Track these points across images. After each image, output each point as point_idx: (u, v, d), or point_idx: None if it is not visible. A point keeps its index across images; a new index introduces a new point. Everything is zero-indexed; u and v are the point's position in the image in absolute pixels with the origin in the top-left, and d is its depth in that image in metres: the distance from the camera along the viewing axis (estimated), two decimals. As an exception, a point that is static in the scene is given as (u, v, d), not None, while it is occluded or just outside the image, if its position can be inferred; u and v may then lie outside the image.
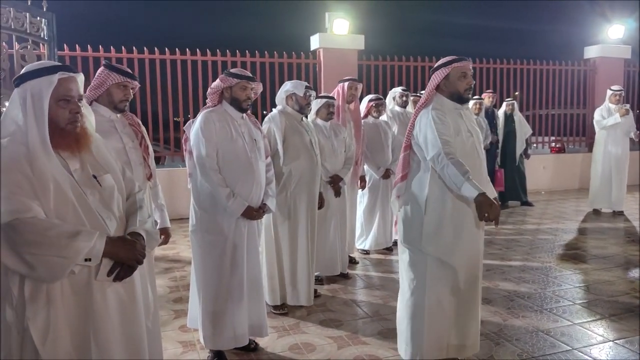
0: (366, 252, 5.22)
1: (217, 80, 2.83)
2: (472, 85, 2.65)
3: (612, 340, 3.09)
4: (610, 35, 9.83)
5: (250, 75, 2.85)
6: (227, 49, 7.40)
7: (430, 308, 2.61)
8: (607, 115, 7.08)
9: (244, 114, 2.90)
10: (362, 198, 5.15)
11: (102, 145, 1.76)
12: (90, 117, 1.73)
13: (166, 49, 7.10)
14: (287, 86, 3.62)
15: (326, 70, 7.88)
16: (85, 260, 1.51)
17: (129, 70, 2.63)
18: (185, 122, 3.13)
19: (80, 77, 1.64)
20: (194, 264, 2.91)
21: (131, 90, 2.61)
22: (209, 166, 2.70)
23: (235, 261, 2.80)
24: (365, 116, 5.14)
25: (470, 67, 2.65)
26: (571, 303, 3.70)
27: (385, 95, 5.79)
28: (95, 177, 1.65)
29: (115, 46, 6.86)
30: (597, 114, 7.21)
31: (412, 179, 2.67)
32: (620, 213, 7.08)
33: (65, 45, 6.57)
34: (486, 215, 2.31)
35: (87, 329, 1.55)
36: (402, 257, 2.78)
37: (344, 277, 4.40)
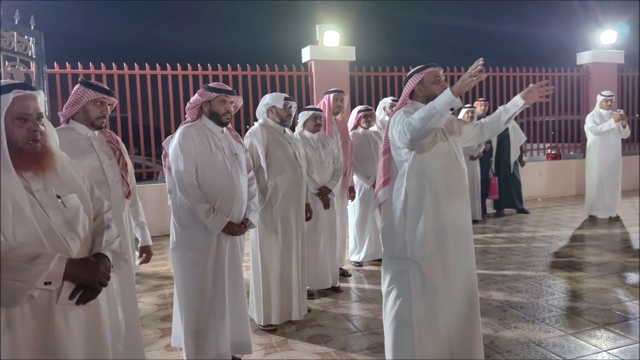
0: (359, 264, 5.16)
1: (196, 94, 2.81)
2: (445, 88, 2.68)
3: (606, 351, 3.03)
4: (603, 40, 9.85)
5: (230, 88, 2.82)
6: (218, 63, 7.41)
7: (419, 323, 2.56)
8: (599, 121, 7.05)
9: (224, 128, 2.87)
10: (353, 209, 5.11)
11: (68, 164, 1.72)
12: (53, 135, 1.70)
13: (157, 64, 7.10)
14: (267, 99, 3.60)
15: (318, 82, 7.88)
16: (45, 283, 1.47)
17: (106, 87, 2.61)
18: None
19: (40, 95, 1.61)
20: (176, 281, 2.86)
21: (109, 107, 2.58)
22: (187, 182, 2.67)
23: (217, 278, 2.76)
24: (355, 127, 5.11)
25: (442, 73, 2.72)
26: (564, 312, 3.64)
27: (377, 106, 5.78)
28: (59, 197, 1.61)
29: (107, 63, 6.86)
30: (588, 120, 7.18)
31: (392, 184, 2.66)
32: (617, 219, 7.03)
33: (55, 63, 6.57)
34: (469, 78, 2.34)
35: (48, 355, 1.50)
36: (385, 273, 2.74)
37: (336, 290, 4.35)
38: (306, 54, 8.04)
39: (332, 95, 4.63)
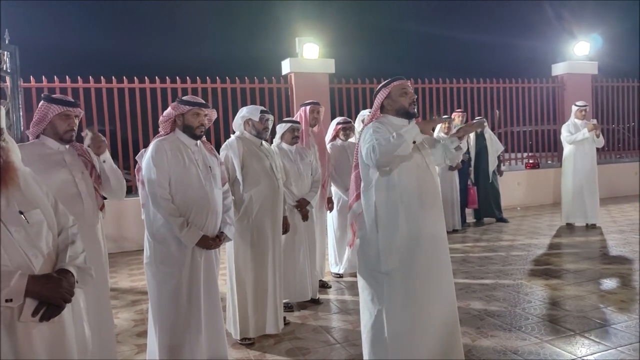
0: (339, 276, 5.15)
1: (169, 108, 2.80)
2: (415, 100, 2.76)
3: (581, 357, 3.06)
4: (577, 52, 10.06)
5: (203, 101, 2.82)
6: (197, 75, 7.40)
7: (394, 337, 2.57)
8: (574, 131, 7.19)
9: (199, 141, 2.87)
10: (332, 221, 5.12)
11: (32, 179, 1.70)
12: (15, 150, 1.68)
13: (135, 77, 7.06)
14: (243, 112, 3.60)
15: (298, 94, 7.92)
16: (6, 300, 1.44)
17: (69, 99, 2.60)
18: None
19: (1, 110, 1.59)
20: (150, 296, 2.83)
21: (75, 119, 2.57)
22: (160, 195, 2.65)
23: (192, 292, 2.73)
24: (334, 138, 5.14)
25: (409, 85, 2.77)
26: (541, 320, 3.68)
27: (357, 118, 5.81)
28: (22, 212, 1.58)
29: (83, 76, 6.80)
30: (564, 130, 7.32)
31: (366, 194, 2.68)
32: (594, 226, 7.14)
33: (31, 77, 6.49)
34: (432, 120, 2.70)
35: (10, 374, 1.47)
36: (361, 287, 2.76)
37: (315, 302, 4.33)
38: (286, 67, 8.08)
39: (308, 107, 4.65)
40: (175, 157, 2.72)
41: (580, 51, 10.05)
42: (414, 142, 2.54)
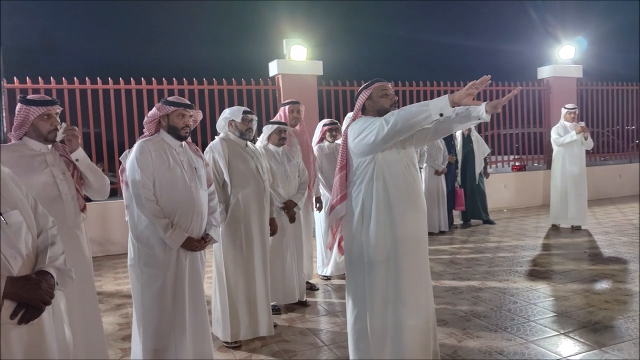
0: (327, 278, 5.14)
1: (154, 108, 2.78)
2: (396, 101, 2.75)
3: (565, 357, 3.08)
4: (562, 55, 10.17)
5: (188, 102, 2.80)
6: (184, 77, 7.36)
7: (375, 336, 2.58)
8: (563, 133, 7.26)
9: (184, 142, 2.84)
10: (319, 223, 5.11)
11: (10, 180, 1.67)
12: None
13: (120, 78, 7.00)
14: (226, 113, 3.58)
15: (286, 96, 7.89)
16: None
17: (47, 97, 2.57)
18: None
19: None
20: (134, 299, 2.79)
21: (56, 116, 2.53)
22: (144, 196, 2.62)
23: (176, 295, 2.71)
24: (321, 140, 5.13)
25: (390, 87, 2.77)
26: (526, 320, 3.70)
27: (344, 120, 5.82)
28: (0, 213, 1.55)
29: (68, 77, 6.74)
30: (553, 132, 7.38)
31: (350, 197, 2.69)
32: (578, 228, 7.21)
33: (15, 77, 6.42)
34: (467, 88, 2.29)
35: (-13, 378, 1.44)
36: (347, 287, 2.79)
37: (303, 304, 4.32)
38: (273, 68, 8.07)
39: (287, 107, 4.64)
40: (159, 158, 2.69)
41: (565, 55, 10.16)
42: (441, 115, 2.34)
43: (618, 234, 6.78)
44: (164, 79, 7.22)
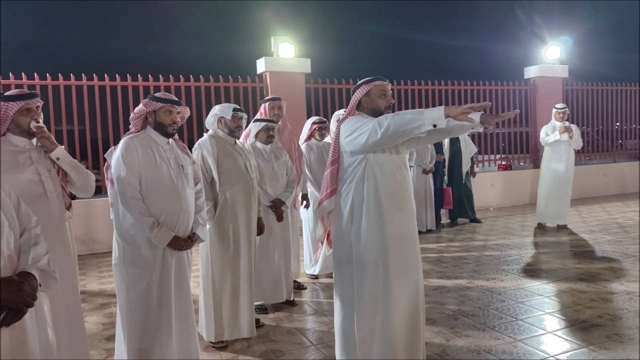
0: (315, 277, 5.12)
1: (140, 104, 2.72)
2: (392, 104, 2.71)
3: (553, 356, 3.09)
4: (548, 55, 10.26)
5: (176, 99, 2.75)
6: (170, 74, 7.28)
7: (363, 339, 2.57)
8: (551, 133, 7.32)
9: (171, 139, 2.79)
10: (307, 221, 5.07)
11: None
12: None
13: (106, 75, 6.90)
14: (216, 110, 3.53)
15: (273, 93, 7.83)
16: None
17: (26, 91, 2.51)
18: None
19: None
20: (118, 298, 2.74)
21: (37, 109, 2.47)
22: (130, 194, 2.57)
23: (162, 295, 2.66)
24: (309, 138, 5.10)
25: (390, 88, 2.74)
26: (514, 319, 3.71)
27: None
28: (-20, 212, 1.50)
29: (53, 74, 6.62)
30: (542, 132, 7.43)
31: (340, 193, 2.66)
32: (564, 227, 7.27)
33: (-4, 73, 6.29)
34: (465, 108, 2.24)
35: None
36: (335, 287, 2.77)
37: (290, 304, 4.28)
38: (261, 66, 8.02)
39: (267, 104, 4.60)
40: (146, 155, 2.64)
41: (552, 55, 10.25)
42: (435, 126, 2.29)
43: (603, 232, 6.85)
44: (149, 75, 7.13)
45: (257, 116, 4.56)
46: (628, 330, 3.41)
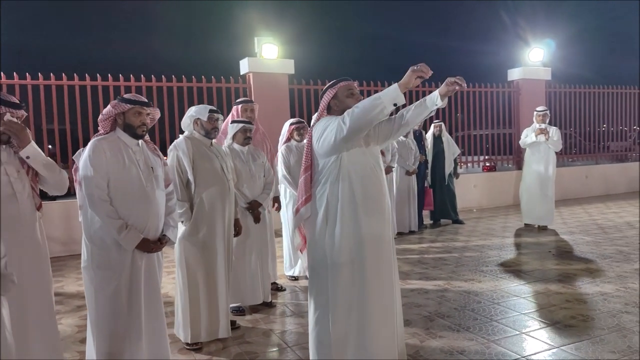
0: (294, 279, 5.11)
1: (109, 105, 2.70)
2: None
3: (525, 357, 3.11)
4: (531, 58, 10.34)
5: (145, 100, 2.73)
6: (152, 74, 7.23)
7: (338, 344, 2.57)
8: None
9: (141, 141, 2.77)
10: (287, 223, 5.07)
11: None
12: None
13: (86, 74, 6.84)
14: (191, 111, 3.52)
15: (257, 94, 7.84)
16: None
17: (9, 99, 2.47)
18: None
19: None
20: (87, 302, 2.72)
21: (9, 115, 2.44)
22: (97, 197, 2.54)
23: (131, 297, 2.64)
24: (288, 140, 5.09)
25: (356, 86, 2.75)
26: (489, 320, 3.73)
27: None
28: None
29: (20, 73, 6.55)
30: (523, 134, 7.52)
31: (315, 198, 2.66)
32: (545, 228, 7.33)
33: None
34: (417, 70, 2.33)
35: None
36: (309, 291, 2.77)
37: (268, 305, 4.27)
38: (244, 66, 8.00)
39: (240, 106, 4.59)
40: (114, 157, 2.62)
41: (535, 57, 10.34)
42: (395, 105, 2.37)
43: (583, 234, 6.92)
44: (131, 75, 7.08)
45: (230, 118, 4.55)
46: (600, 331, 3.45)
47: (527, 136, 7.36)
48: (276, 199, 4.83)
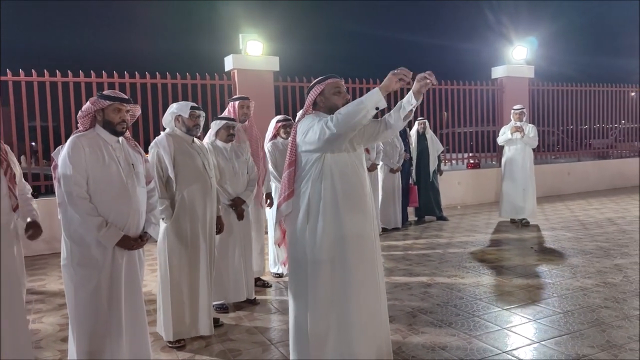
0: (279, 275, 5.11)
1: (88, 102, 2.67)
2: (348, 100, 2.71)
3: (505, 352, 3.15)
4: (515, 56, 10.44)
5: (125, 97, 2.71)
6: (136, 70, 7.16)
7: (315, 335, 2.57)
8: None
9: (121, 138, 2.75)
10: (272, 219, 5.06)
11: None
12: None
13: (68, 71, 6.75)
14: (173, 108, 3.49)
15: (241, 91, 7.80)
16: None
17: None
18: None
19: None
20: (67, 300, 2.69)
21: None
22: (76, 194, 2.52)
23: (112, 295, 2.62)
24: (274, 137, 5.08)
25: (343, 84, 2.75)
26: (470, 316, 3.77)
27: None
28: None
29: (13, 69, 6.45)
30: (500, 131, 7.63)
31: (298, 194, 2.66)
32: (527, 224, 7.42)
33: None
34: (397, 73, 2.36)
35: None
36: (289, 285, 2.77)
37: (251, 302, 4.27)
38: (229, 63, 7.96)
39: (237, 102, 4.57)
40: (94, 154, 2.59)
41: (518, 55, 10.43)
42: (377, 109, 2.41)
43: (564, 230, 7.02)
44: (114, 72, 7.01)
45: (225, 114, 4.54)
46: (580, 326, 3.50)
47: (504, 134, 7.47)
48: (268, 196, 4.83)
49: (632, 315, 3.67)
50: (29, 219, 2.78)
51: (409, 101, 2.49)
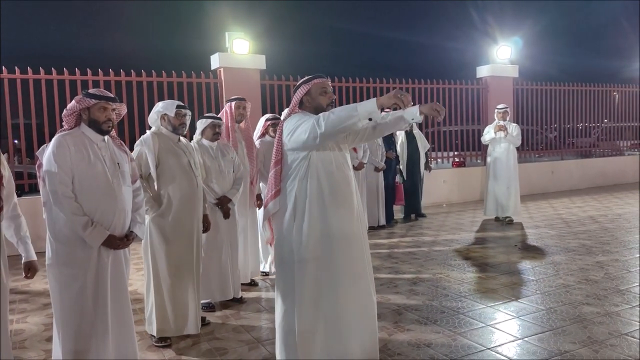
0: (265, 274, 5.12)
1: (73, 101, 2.65)
2: (333, 100, 2.73)
3: (489, 348, 3.19)
4: (499, 55, 10.54)
5: (111, 95, 2.69)
6: (121, 68, 7.11)
7: (303, 333, 2.58)
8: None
9: (106, 137, 2.74)
10: (260, 219, 5.06)
11: None
12: None
13: (52, 68, 6.68)
14: (158, 107, 3.49)
15: (227, 89, 7.79)
16: None
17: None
18: None
19: None
20: (52, 300, 2.67)
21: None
22: (61, 193, 2.50)
23: (98, 295, 2.61)
24: (263, 135, 5.09)
25: (330, 84, 2.77)
26: (455, 313, 3.81)
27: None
28: None
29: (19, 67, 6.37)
30: (484, 130, 7.71)
31: (284, 193, 2.68)
32: (511, 222, 7.51)
33: None
34: (400, 98, 2.34)
35: None
36: (276, 284, 2.78)
37: (238, 301, 4.27)
38: (215, 61, 7.94)
39: (233, 103, 4.58)
40: (79, 152, 2.58)
41: (503, 55, 10.54)
42: (370, 120, 2.40)
43: (548, 228, 7.12)
44: (99, 69, 6.95)
45: (222, 114, 4.53)
46: (562, 322, 3.56)
47: (488, 132, 7.56)
48: (258, 197, 4.84)
49: (612, 311, 3.75)
50: (24, 259, 2.72)
51: (414, 117, 2.50)
